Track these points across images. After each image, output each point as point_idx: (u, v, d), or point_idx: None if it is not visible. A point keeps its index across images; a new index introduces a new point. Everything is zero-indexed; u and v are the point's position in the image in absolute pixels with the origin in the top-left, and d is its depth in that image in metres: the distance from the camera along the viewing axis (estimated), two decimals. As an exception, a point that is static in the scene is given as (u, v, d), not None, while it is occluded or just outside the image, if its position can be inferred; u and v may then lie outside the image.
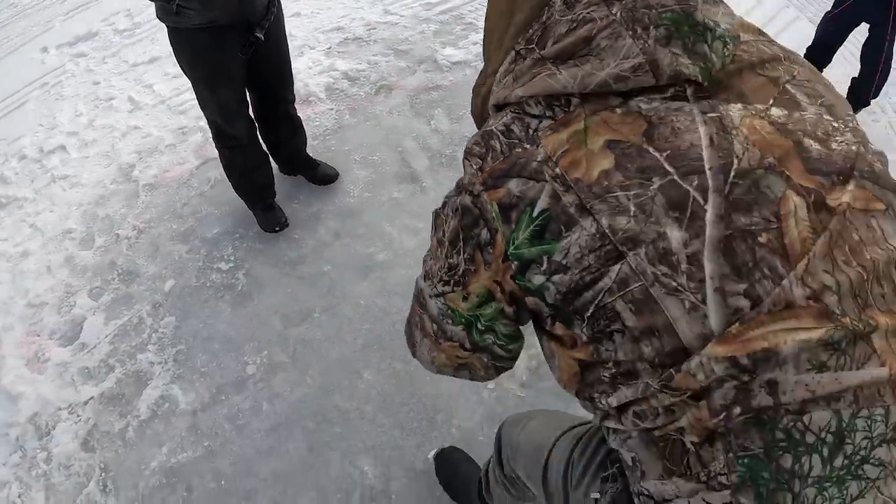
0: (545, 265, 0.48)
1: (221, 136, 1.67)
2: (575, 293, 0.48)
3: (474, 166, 0.52)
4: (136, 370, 1.64)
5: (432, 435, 1.43)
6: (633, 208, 0.45)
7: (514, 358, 0.64)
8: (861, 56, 2.18)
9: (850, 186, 0.47)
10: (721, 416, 0.46)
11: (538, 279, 0.49)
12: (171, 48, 1.51)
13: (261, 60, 1.57)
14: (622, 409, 0.51)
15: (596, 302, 0.47)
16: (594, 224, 0.46)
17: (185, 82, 2.55)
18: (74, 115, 2.51)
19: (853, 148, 0.49)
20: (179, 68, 2.55)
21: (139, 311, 1.77)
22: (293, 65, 1.78)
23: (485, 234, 0.51)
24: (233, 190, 1.89)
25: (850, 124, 0.52)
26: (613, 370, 0.49)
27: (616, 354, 0.48)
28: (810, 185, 0.46)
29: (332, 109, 2.34)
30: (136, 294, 1.81)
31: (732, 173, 0.45)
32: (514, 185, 0.49)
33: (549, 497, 0.77)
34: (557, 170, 0.47)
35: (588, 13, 0.49)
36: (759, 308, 0.44)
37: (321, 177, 2.01)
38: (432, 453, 1.38)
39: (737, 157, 0.46)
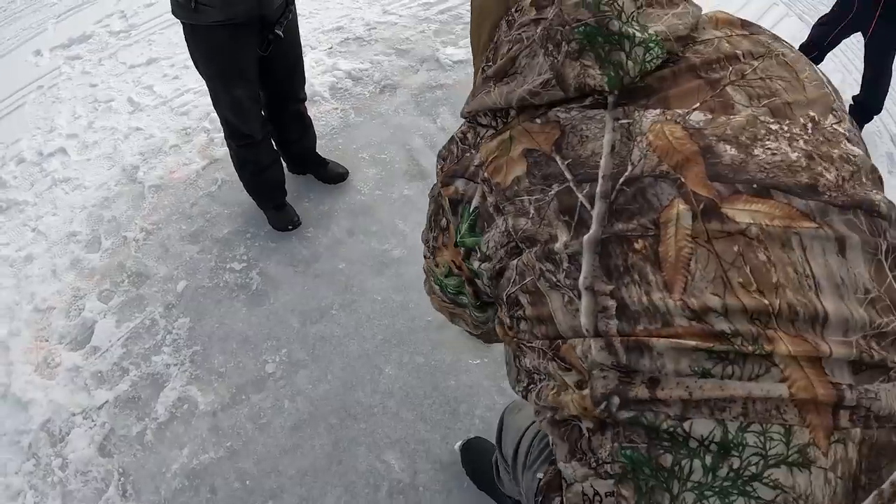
0: (478, 254, 0.55)
1: (234, 134, 1.66)
2: (496, 280, 0.54)
3: (439, 166, 0.61)
4: (151, 372, 1.62)
5: (456, 426, 1.44)
6: (532, 211, 0.50)
7: (487, 322, 0.71)
8: (865, 74, 2.18)
9: (761, 206, 0.46)
10: (602, 406, 0.47)
11: (476, 265, 0.56)
12: (167, 48, 1.50)
13: (275, 58, 1.57)
14: (530, 385, 0.55)
15: (507, 290, 0.53)
16: (504, 223, 0.52)
17: (186, 83, 2.55)
18: (73, 118, 2.47)
19: (792, 156, 0.48)
20: (182, 67, 2.51)
21: (152, 313, 1.75)
22: (305, 75, 1.78)
23: (443, 222, 0.59)
24: (241, 190, 1.88)
25: (798, 127, 0.49)
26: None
27: (525, 337, 0.54)
28: (704, 193, 0.46)
29: (337, 109, 2.34)
30: (147, 296, 1.79)
31: (621, 180, 0.47)
32: (460, 185, 0.56)
33: (515, 478, 0.81)
34: (485, 174, 0.54)
35: (520, 34, 0.54)
36: (634, 322, 0.45)
37: (331, 175, 2.01)
38: (457, 444, 1.39)
39: (631, 164, 0.48)
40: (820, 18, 2.24)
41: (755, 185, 0.46)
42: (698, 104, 0.50)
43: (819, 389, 0.45)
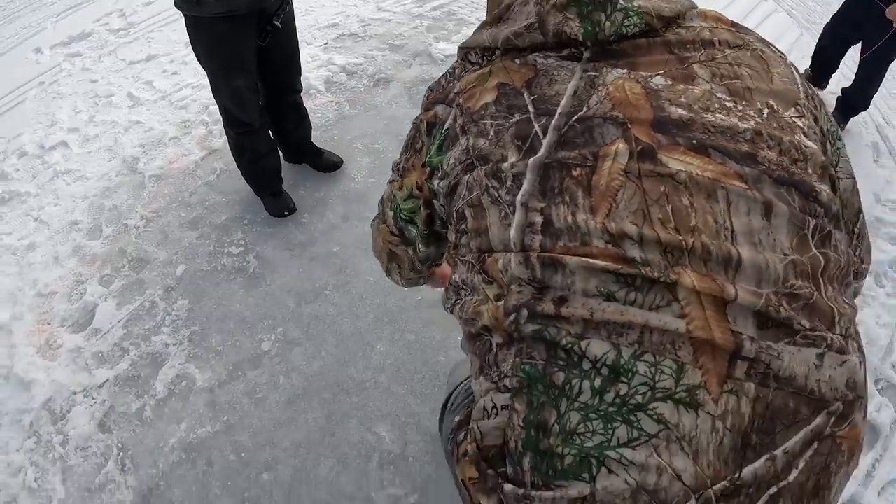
0: (440, 171, 0.59)
1: (233, 123, 1.72)
2: (450, 197, 0.58)
3: (425, 95, 0.65)
4: (150, 352, 1.67)
5: (446, 400, 1.49)
6: (491, 133, 0.54)
7: (427, 262, 0.74)
8: (859, 73, 2.22)
9: (695, 159, 0.48)
10: (512, 317, 0.49)
11: (436, 183, 0.60)
12: (166, 45, 1.56)
13: (273, 50, 1.63)
14: (457, 301, 0.58)
15: (457, 205, 0.57)
16: (466, 142, 0.56)
17: (185, 78, 2.60)
18: (74, 112, 2.52)
19: (740, 126, 0.50)
20: (181, 63, 2.57)
21: (152, 296, 1.79)
22: (301, 66, 1.84)
23: (419, 144, 0.63)
24: (239, 178, 1.94)
25: (753, 110, 0.51)
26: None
27: (463, 251, 0.58)
28: (645, 139, 0.49)
29: (332, 101, 2.40)
30: (147, 280, 1.84)
31: (574, 118, 0.52)
32: (439, 109, 0.61)
33: (442, 428, 0.85)
34: (460, 100, 0.59)
35: None
36: (556, 238, 0.48)
37: (326, 164, 2.07)
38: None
39: (587, 106, 0.52)
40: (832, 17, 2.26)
41: (695, 142, 0.49)
42: (663, 71, 0.54)
43: (717, 333, 0.45)
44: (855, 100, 2.30)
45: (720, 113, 0.51)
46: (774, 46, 0.61)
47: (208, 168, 2.17)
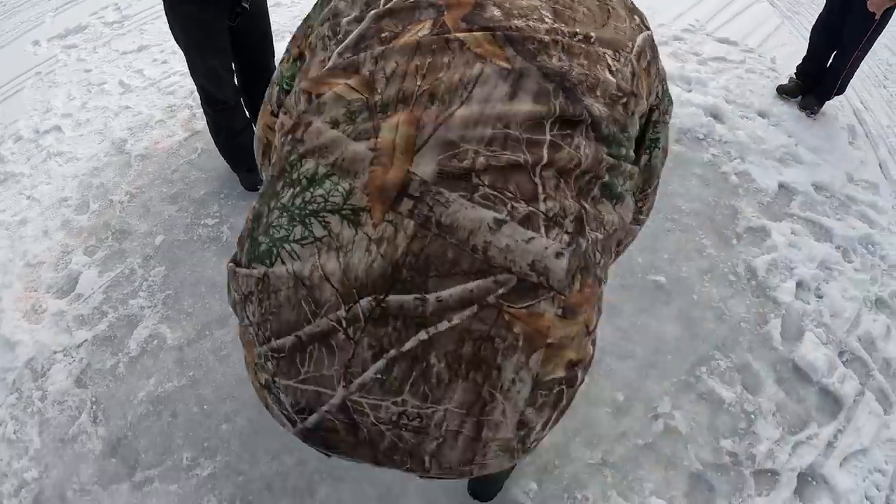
0: (314, 30, 0.69)
1: (210, 101, 1.82)
2: (312, 49, 0.67)
3: None
4: (127, 314, 1.76)
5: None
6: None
7: None
8: (835, 62, 2.30)
9: (479, 34, 0.56)
10: (280, 140, 0.61)
11: (310, 40, 0.69)
12: (157, 36, 1.65)
13: (246, 31, 1.73)
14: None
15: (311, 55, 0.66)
16: (334, 3, 0.66)
17: (173, 66, 2.72)
18: (68, 99, 2.65)
19: (540, 34, 0.56)
20: (171, 52, 2.68)
21: (131, 264, 1.89)
22: (274, 47, 1.94)
23: (314, 16, 0.72)
24: (219, 157, 2.04)
25: (567, 29, 0.58)
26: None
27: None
28: (449, 24, 0.58)
29: (311, 87, 2.50)
30: (128, 249, 1.94)
31: (410, 2, 0.60)
32: None
33: None
34: None
35: None
36: (338, 67, 0.58)
37: (300, 142, 2.16)
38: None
39: None
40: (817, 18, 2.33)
41: (482, 30, 0.57)
42: None
43: (393, 169, 0.52)
44: (831, 85, 2.35)
45: (533, 22, 0.58)
46: (640, 15, 0.66)
47: (190, 148, 2.27)
